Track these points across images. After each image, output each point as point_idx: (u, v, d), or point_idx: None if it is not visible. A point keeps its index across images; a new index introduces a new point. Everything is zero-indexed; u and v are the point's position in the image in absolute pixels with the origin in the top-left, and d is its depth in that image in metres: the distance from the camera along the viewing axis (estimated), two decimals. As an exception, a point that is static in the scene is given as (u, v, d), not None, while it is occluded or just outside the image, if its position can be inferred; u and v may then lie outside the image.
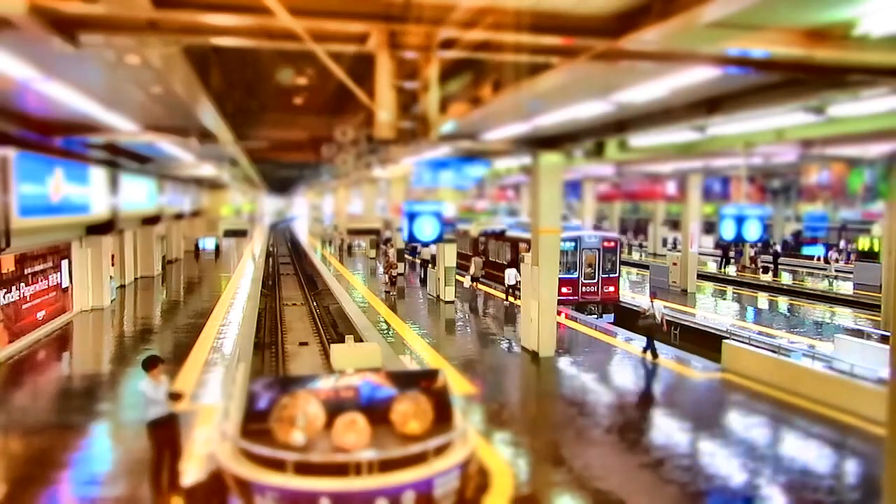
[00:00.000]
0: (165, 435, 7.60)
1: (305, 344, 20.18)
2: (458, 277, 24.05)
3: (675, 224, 45.97)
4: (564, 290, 21.98)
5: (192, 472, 7.98)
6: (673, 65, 7.25)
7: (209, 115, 11.54)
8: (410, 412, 6.58)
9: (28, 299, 15.90)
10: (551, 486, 8.34)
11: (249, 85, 13.29)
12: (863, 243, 35.22)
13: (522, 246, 24.80)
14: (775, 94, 8.86)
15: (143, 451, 7.97)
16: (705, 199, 31.81)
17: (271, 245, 53.97)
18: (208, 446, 8.22)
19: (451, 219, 25.44)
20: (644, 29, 5.37)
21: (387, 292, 24.85)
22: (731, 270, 33.78)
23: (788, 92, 8.66)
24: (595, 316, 22.78)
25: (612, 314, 23.90)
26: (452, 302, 22.86)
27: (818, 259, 35.74)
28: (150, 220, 27.16)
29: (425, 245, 28.25)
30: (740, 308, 24.11)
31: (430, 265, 25.31)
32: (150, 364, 7.82)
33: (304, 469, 5.77)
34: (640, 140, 14.64)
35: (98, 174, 19.33)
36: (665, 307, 16.85)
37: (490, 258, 30.45)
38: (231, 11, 5.33)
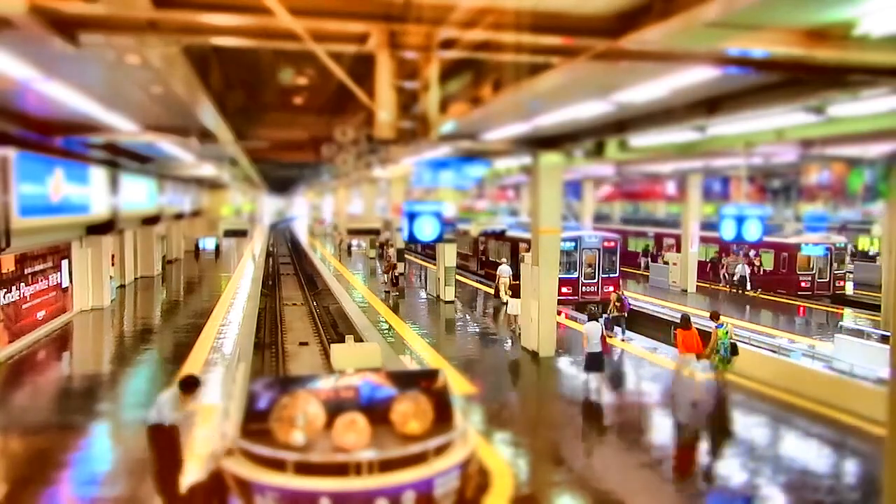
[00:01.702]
0: (168, 441, 7.53)
1: (305, 344, 20.17)
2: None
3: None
4: (564, 290, 21.97)
5: (192, 472, 7.98)
6: (673, 65, 7.25)
7: (209, 115, 11.54)
8: (410, 412, 6.59)
9: (28, 299, 15.91)
10: (551, 486, 8.34)
11: (249, 85, 13.29)
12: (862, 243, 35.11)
13: (522, 246, 24.81)
14: (775, 94, 8.85)
15: (143, 451, 7.96)
16: (705, 199, 31.74)
17: (271, 245, 53.97)
18: (208, 446, 8.22)
19: (451, 219, 25.44)
20: (644, 29, 5.37)
21: (386, 292, 24.85)
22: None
23: (788, 92, 8.65)
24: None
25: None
26: (452, 302, 22.87)
27: None
28: (150, 220, 27.16)
29: (425, 245, 28.30)
30: None
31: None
32: (189, 387, 7.65)
33: (304, 469, 5.77)
34: (640, 140, 14.63)
35: (98, 174, 19.33)
36: None
37: (490, 258, 30.46)
38: (231, 11, 5.32)
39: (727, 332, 12.68)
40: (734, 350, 12.58)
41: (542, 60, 6.68)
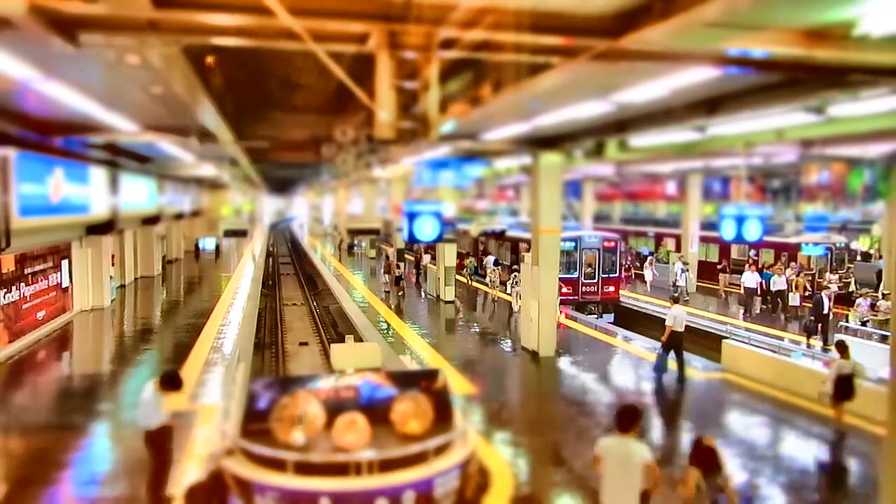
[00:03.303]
0: (155, 444, 7.49)
1: (305, 344, 20.17)
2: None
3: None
4: (564, 290, 21.98)
5: (192, 472, 7.98)
6: (673, 65, 7.25)
7: (209, 115, 11.55)
8: (410, 412, 6.58)
9: (28, 299, 15.90)
10: (551, 486, 8.34)
11: (249, 84, 13.29)
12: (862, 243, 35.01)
13: (522, 246, 24.81)
14: (775, 94, 8.85)
15: (143, 451, 7.96)
16: (705, 199, 31.71)
17: (271, 245, 53.98)
18: (208, 446, 8.22)
19: (451, 219, 25.44)
20: (644, 29, 5.37)
21: (386, 292, 24.85)
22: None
23: (788, 92, 8.65)
24: (595, 316, 22.77)
25: (612, 314, 23.88)
26: (452, 302, 22.86)
27: None
28: (150, 220, 27.16)
29: (425, 245, 28.31)
30: None
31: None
32: (171, 384, 7.48)
33: (304, 469, 5.77)
34: (640, 140, 14.63)
35: (98, 174, 19.33)
36: None
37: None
38: (231, 11, 5.32)
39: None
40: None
41: (542, 60, 6.68)
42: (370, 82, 5.64)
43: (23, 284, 15.60)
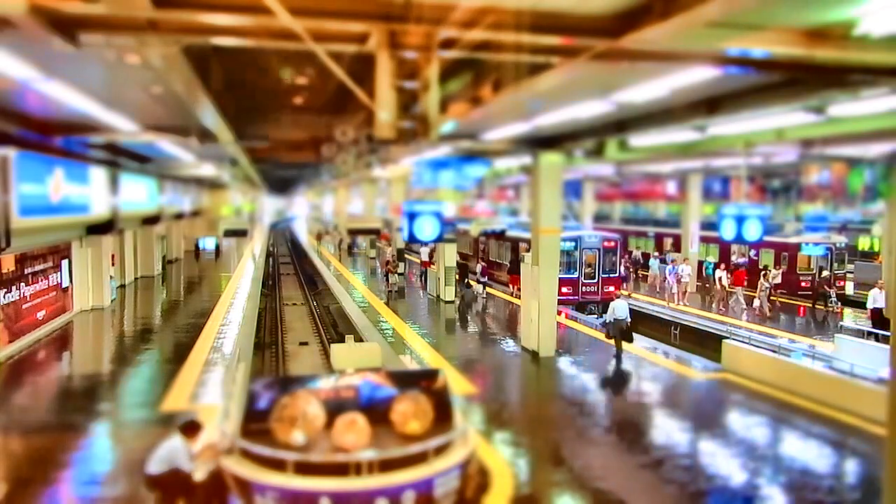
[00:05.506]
0: (185, 486, 6.83)
1: (305, 344, 20.18)
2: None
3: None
4: (564, 290, 21.96)
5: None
6: (673, 65, 7.25)
7: (209, 115, 11.54)
8: (410, 412, 6.59)
9: (28, 299, 15.90)
10: (551, 486, 8.34)
11: (249, 85, 13.29)
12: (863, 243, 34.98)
13: (522, 246, 24.82)
14: (775, 94, 8.86)
15: (143, 451, 7.95)
16: (705, 199, 31.69)
17: (271, 245, 53.97)
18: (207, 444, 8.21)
19: (451, 218, 25.44)
20: (644, 29, 5.37)
21: (390, 292, 24.87)
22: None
23: (788, 92, 8.66)
24: (595, 316, 22.76)
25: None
26: (452, 302, 22.86)
27: None
28: (150, 220, 27.15)
29: (425, 244, 28.35)
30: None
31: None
32: (190, 430, 7.01)
33: (304, 469, 5.78)
34: (640, 140, 14.64)
35: (98, 174, 19.33)
36: None
37: (490, 258, 30.48)
38: (231, 11, 5.33)
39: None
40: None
41: (542, 60, 6.69)
42: (370, 82, 5.65)
43: (23, 284, 15.59)
